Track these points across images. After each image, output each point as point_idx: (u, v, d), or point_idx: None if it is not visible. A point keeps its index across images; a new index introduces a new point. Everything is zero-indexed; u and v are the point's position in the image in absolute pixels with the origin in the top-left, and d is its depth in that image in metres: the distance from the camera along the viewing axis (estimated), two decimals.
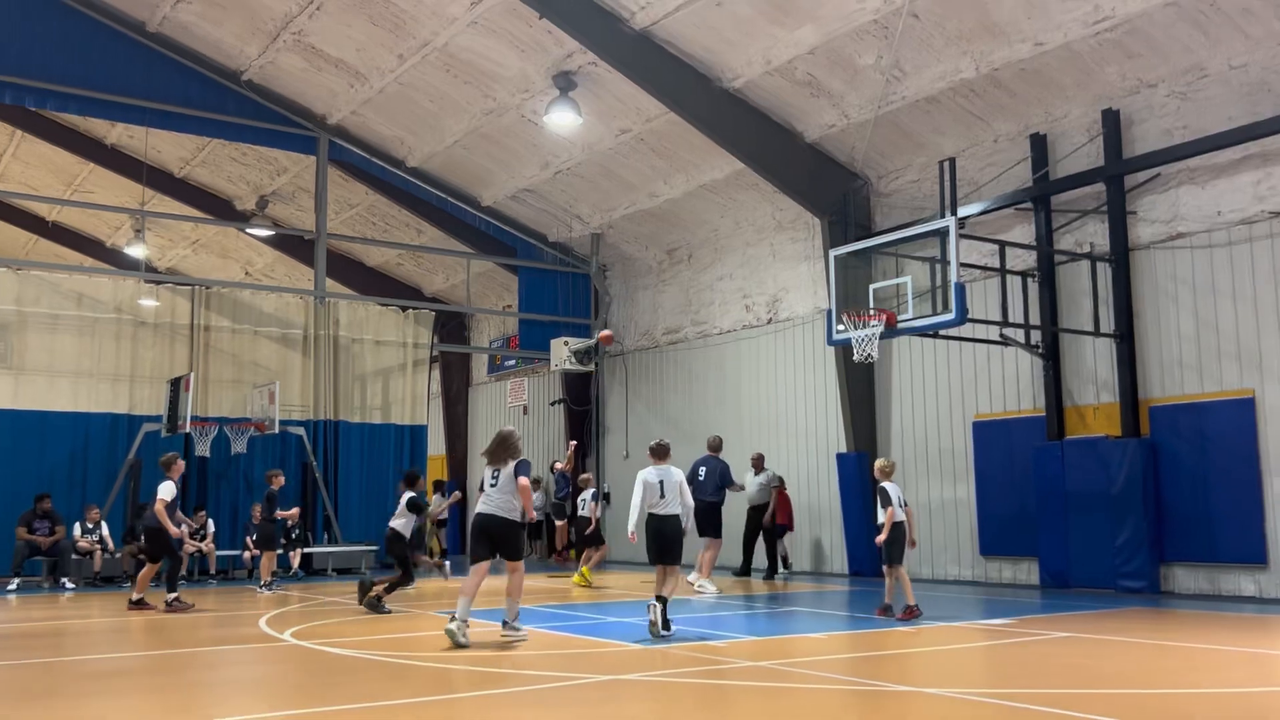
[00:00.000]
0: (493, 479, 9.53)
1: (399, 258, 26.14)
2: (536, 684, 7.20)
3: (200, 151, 22.80)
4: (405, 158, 21.19)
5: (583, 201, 21.26)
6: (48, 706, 6.59)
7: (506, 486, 9.41)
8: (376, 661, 8.26)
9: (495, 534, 9.38)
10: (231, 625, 11.00)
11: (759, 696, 6.73)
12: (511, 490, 9.39)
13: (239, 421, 19.32)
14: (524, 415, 25.18)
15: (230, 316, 20.35)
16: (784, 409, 18.89)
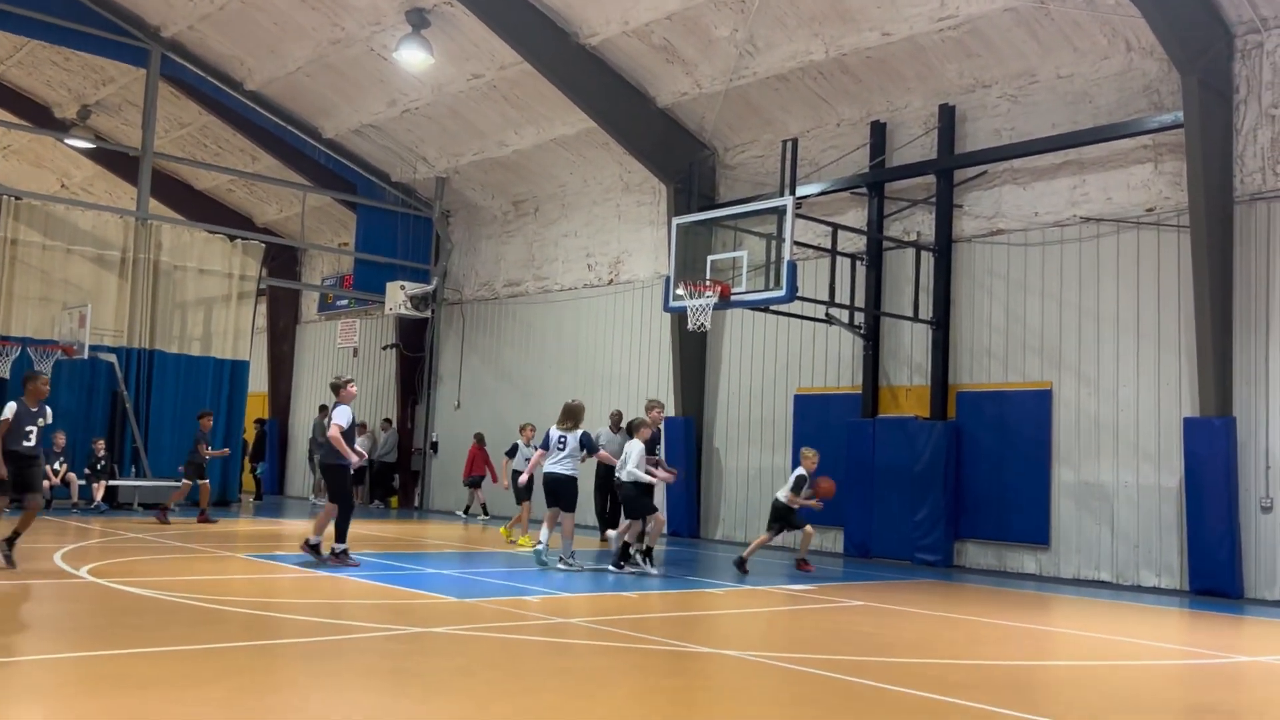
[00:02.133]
0: (560, 442, 11.57)
1: (230, 184, 25.04)
2: (344, 634, 7.16)
3: (18, 51, 21.23)
4: (244, 80, 20.28)
5: (429, 144, 20.83)
6: None
7: (574, 451, 11.53)
8: (182, 604, 8.03)
9: (558, 489, 11.51)
10: (24, 560, 10.46)
11: (552, 653, 6.89)
12: (577, 454, 11.55)
13: (45, 343, 18.21)
14: (354, 358, 24.64)
15: (42, 231, 19.08)
16: (619, 370, 19.12)
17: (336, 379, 11.21)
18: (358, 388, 12.77)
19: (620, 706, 5.49)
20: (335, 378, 11.31)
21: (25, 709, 4.98)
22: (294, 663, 6.28)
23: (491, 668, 6.34)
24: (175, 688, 5.36)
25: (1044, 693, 6.60)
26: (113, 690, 5.28)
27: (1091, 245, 13.72)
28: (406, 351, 23.12)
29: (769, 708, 5.66)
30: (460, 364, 22.35)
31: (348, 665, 6.18)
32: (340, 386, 11.11)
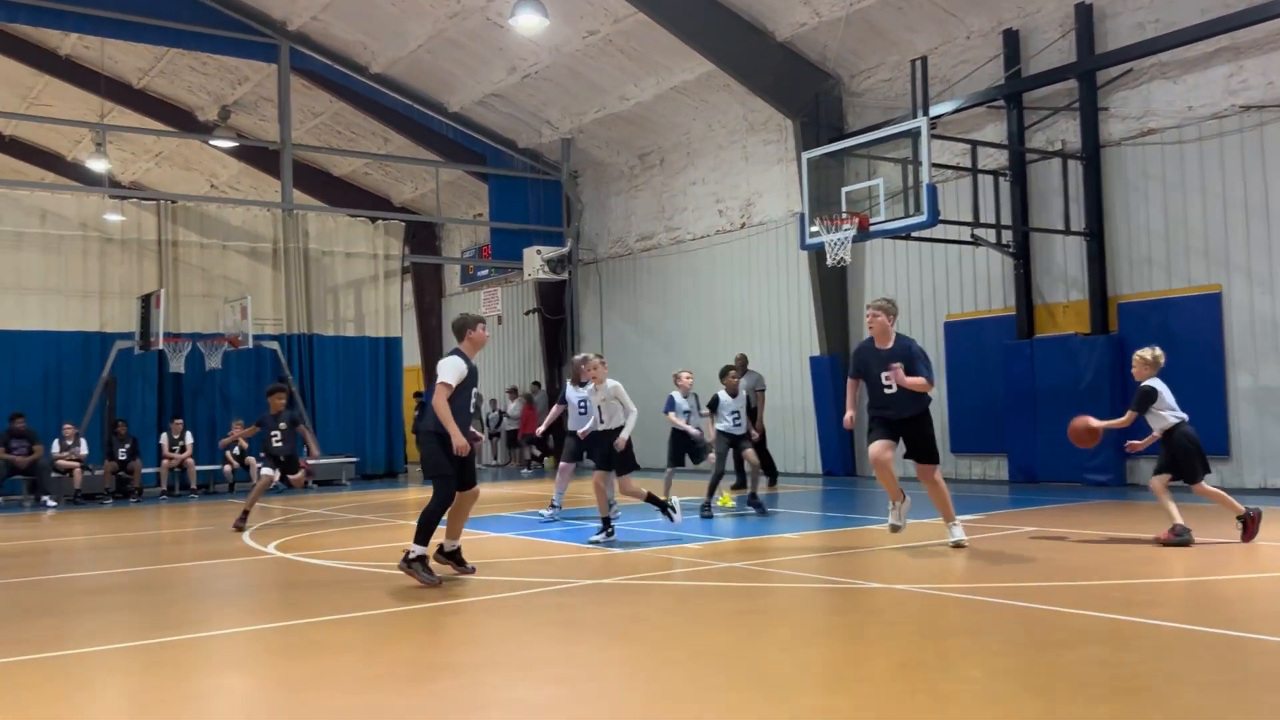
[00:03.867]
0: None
1: (366, 167, 25.77)
2: (515, 590, 7.36)
3: (159, 61, 22.25)
4: (369, 64, 20.76)
5: (552, 106, 20.95)
6: (46, 624, 6.70)
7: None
8: (364, 573, 8.40)
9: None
10: (217, 540, 11.13)
11: (734, 596, 6.93)
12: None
13: (212, 337, 19.23)
14: (499, 325, 25.17)
15: (198, 230, 20.10)
16: (758, 313, 18.98)
17: (461, 317, 8.11)
18: (502, 352, 12.77)
19: (794, 643, 5.49)
20: (459, 315, 8.19)
21: (234, 677, 5.30)
22: (473, 619, 6.50)
23: (663, 614, 6.42)
24: (367, 649, 5.62)
25: (1240, 607, 6.30)
26: (310, 655, 5.57)
27: (1255, 135, 12.84)
28: (548, 315, 23.47)
29: (950, 639, 5.57)
30: (601, 322, 22.57)
31: (524, 619, 6.36)
32: (468, 326, 7.92)
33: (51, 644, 6.05)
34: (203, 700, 4.88)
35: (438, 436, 7.54)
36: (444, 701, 4.61)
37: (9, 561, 10.05)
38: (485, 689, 4.81)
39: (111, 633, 6.46)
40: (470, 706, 4.51)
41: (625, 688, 4.73)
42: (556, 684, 4.87)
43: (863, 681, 4.75)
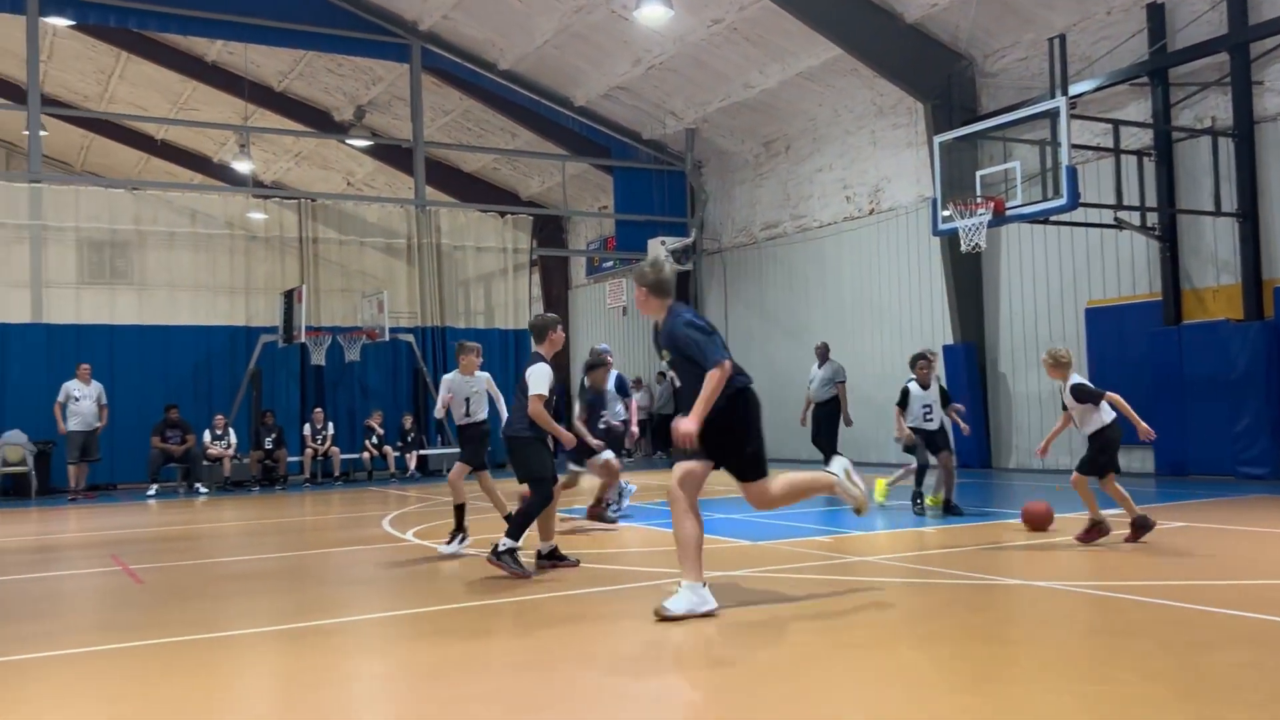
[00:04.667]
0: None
1: (495, 162, 26.24)
2: (648, 580, 7.40)
3: (298, 64, 23.07)
4: (497, 60, 21.10)
5: (676, 96, 20.94)
6: (200, 606, 7.04)
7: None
8: None
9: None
10: (357, 527, 11.50)
11: (869, 591, 6.82)
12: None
13: (351, 330, 19.90)
14: (623, 316, 25.33)
15: (336, 228, 20.81)
16: (887, 301, 18.63)
17: (540, 318, 8.08)
18: (626, 344, 12.84)
19: (932, 641, 5.37)
20: (537, 316, 8.17)
21: (377, 659, 5.47)
22: (602, 609, 6.55)
23: (800, 606, 6.36)
24: (505, 636, 5.73)
25: None
26: (449, 641, 5.70)
27: None
28: None
29: (1095, 639, 5.37)
30: (725, 312, 22.49)
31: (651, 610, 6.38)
32: (549, 328, 7.88)
33: (206, 625, 6.35)
34: (347, 683, 5.05)
35: (534, 440, 7.72)
36: (568, 691, 4.66)
37: (166, 546, 10.60)
38: (611, 679, 4.84)
39: (259, 616, 6.74)
40: (610, 696, 4.55)
41: (763, 683, 4.70)
42: (695, 678, 4.88)
43: (1006, 682, 4.62)
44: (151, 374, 18.63)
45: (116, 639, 6.05)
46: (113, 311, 18.75)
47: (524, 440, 7.72)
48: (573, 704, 4.45)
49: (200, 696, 4.77)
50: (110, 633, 6.27)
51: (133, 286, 19.22)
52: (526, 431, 7.68)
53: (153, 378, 18.57)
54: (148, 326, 19.02)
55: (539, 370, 7.65)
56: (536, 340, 7.88)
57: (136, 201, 19.60)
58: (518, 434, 7.73)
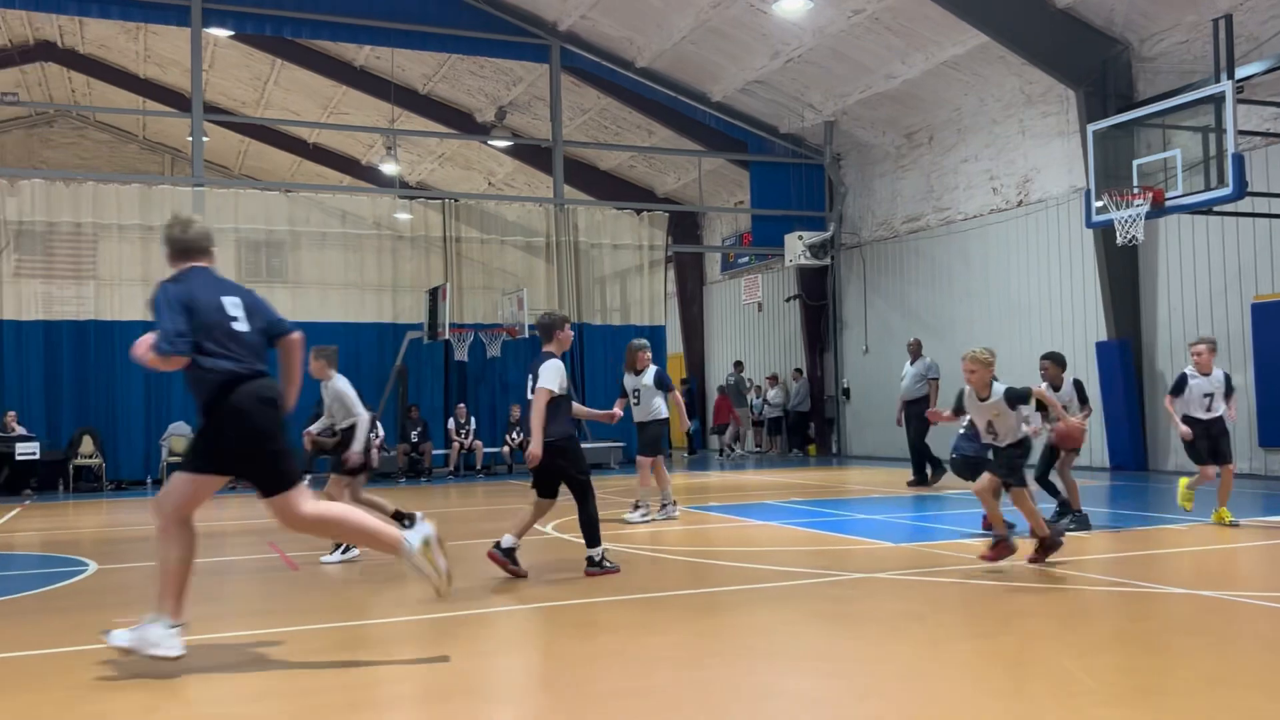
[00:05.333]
0: None
1: (631, 160, 26.39)
2: (785, 580, 7.30)
3: (441, 67, 23.65)
4: (634, 58, 21.21)
5: (814, 89, 20.66)
6: (355, 593, 7.28)
7: None
8: (634, 555, 8.60)
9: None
10: (500, 519, 11.71)
11: (1018, 595, 6.58)
12: None
13: (492, 327, 20.33)
14: (759, 313, 25.17)
15: (478, 227, 21.29)
16: (1036, 296, 17.97)
17: (548, 316, 7.77)
18: (763, 339, 12.68)
19: (1087, 650, 5.13)
20: (545, 314, 7.84)
21: (519, 652, 5.54)
22: (743, 607, 6.50)
23: (942, 611, 6.18)
24: (640, 632, 5.73)
25: None
26: (588, 635, 5.74)
27: None
28: (809, 301, 23.22)
29: (1266, 654, 5.04)
30: (865, 308, 22.09)
31: (795, 610, 6.29)
32: (556, 326, 7.66)
33: (359, 612, 6.56)
34: (496, 673, 5.13)
35: (570, 440, 7.49)
36: (717, 688, 4.62)
37: None
38: (756, 677, 4.79)
39: (409, 604, 6.92)
40: (742, 694, 4.50)
41: (902, 686, 4.58)
42: (828, 677, 4.79)
43: (1166, 695, 4.38)
44: (304, 369, 19.29)
45: (275, 623, 6.30)
46: None
47: (565, 442, 7.43)
48: (725, 701, 4.42)
49: (349, 681, 4.92)
50: (270, 617, 6.54)
51: (287, 285, 20.04)
52: (558, 436, 7.38)
53: (305, 373, 19.23)
54: (300, 323, 19.66)
55: (554, 366, 7.45)
56: (545, 339, 7.64)
57: (291, 203, 20.45)
58: (555, 439, 7.37)
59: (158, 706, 4.51)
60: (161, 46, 24.89)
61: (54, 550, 9.91)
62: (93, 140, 32.01)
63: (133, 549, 9.92)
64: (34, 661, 5.38)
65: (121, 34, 24.61)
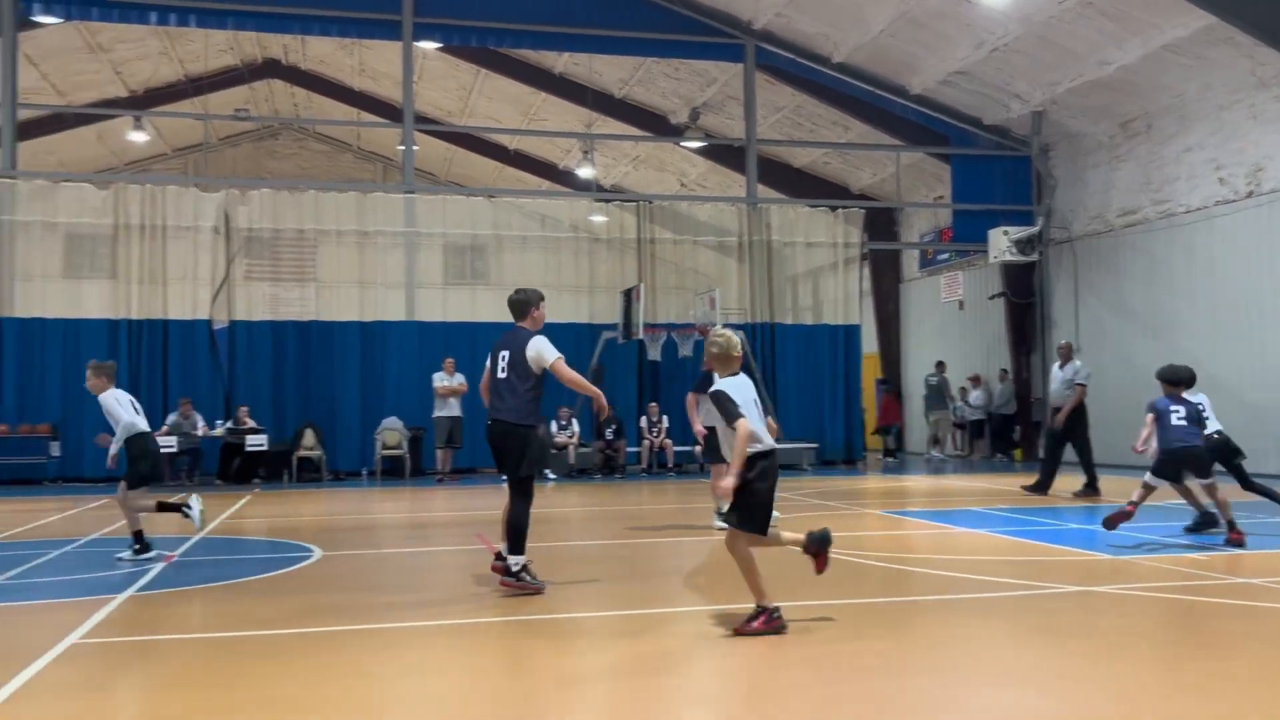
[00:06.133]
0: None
1: (826, 156, 26.01)
2: (994, 591, 7.02)
3: (637, 71, 23.97)
4: (830, 54, 20.89)
5: (1021, 79, 19.80)
6: (551, 588, 7.47)
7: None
8: (840, 561, 8.44)
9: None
10: (693, 517, 11.78)
11: (1250, 617, 6.10)
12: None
13: (684, 327, 20.46)
14: (960, 311, 24.33)
15: (671, 228, 21.48)
16: (1270, 294, 16.64)
17: (523, 292, 7.52)
18: (964, 339, 12.18)
19: None
20: (519, 291, 7.59)
21: (714, 654, 5.53)
22: (947, 617, 6.28)
23: (1167, 629, 5.81)
24: (841, 639, 5.62)
25: None
26: (783, 639, 5.67)
27: None
28: (1015, 299, 22.28)
29: None
30: (1075, 306, 21.01)
31: (1006, 622, 6.04)
32: (531, 303, 7.37)
33: (554, 607, 6.71)
34: (691, 672, 5.14)
35: (532, 430, 7.03)
36: (922, 700, 4.48)
37: None
38: (964, 690, 4.62)
39: (607, 599, 7.04)
40: (951, 708, 4.35)
41: (1127, 710, 4.31)
42: (1042, 694, 4.56)
43: None
44: None
45: (482, 613, 6.52)
46: (474, 309, 20.37)
47: (525, 429, 7.02)
48: (933, 713, 4.28)
49: (556, 673, 5.03)
50: (476, 606, 6.77)
51: (490, 287, 20.78)
52: (530, 419, 7.02)
53: None
54: (504, 324, 20.38)
55: (542, 339, 7.08)
56: (520, 315, 7.29)
57: (494, 208, 21.19)
58: (517, 422, 6.96)
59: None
60: (374, 60, 26.25)
61: (279, 536, 10.59)
62: (312, 151, 34.08)
63: (351, 538, 10.49)
64: (280, 640, 5.76)
65: (339, 50, 26.10)
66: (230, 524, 11.52)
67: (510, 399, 6.93)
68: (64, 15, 19.73)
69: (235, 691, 4.72)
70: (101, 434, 8.89)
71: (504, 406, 6.94)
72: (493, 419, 6.93)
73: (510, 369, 6.94)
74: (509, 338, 7.12)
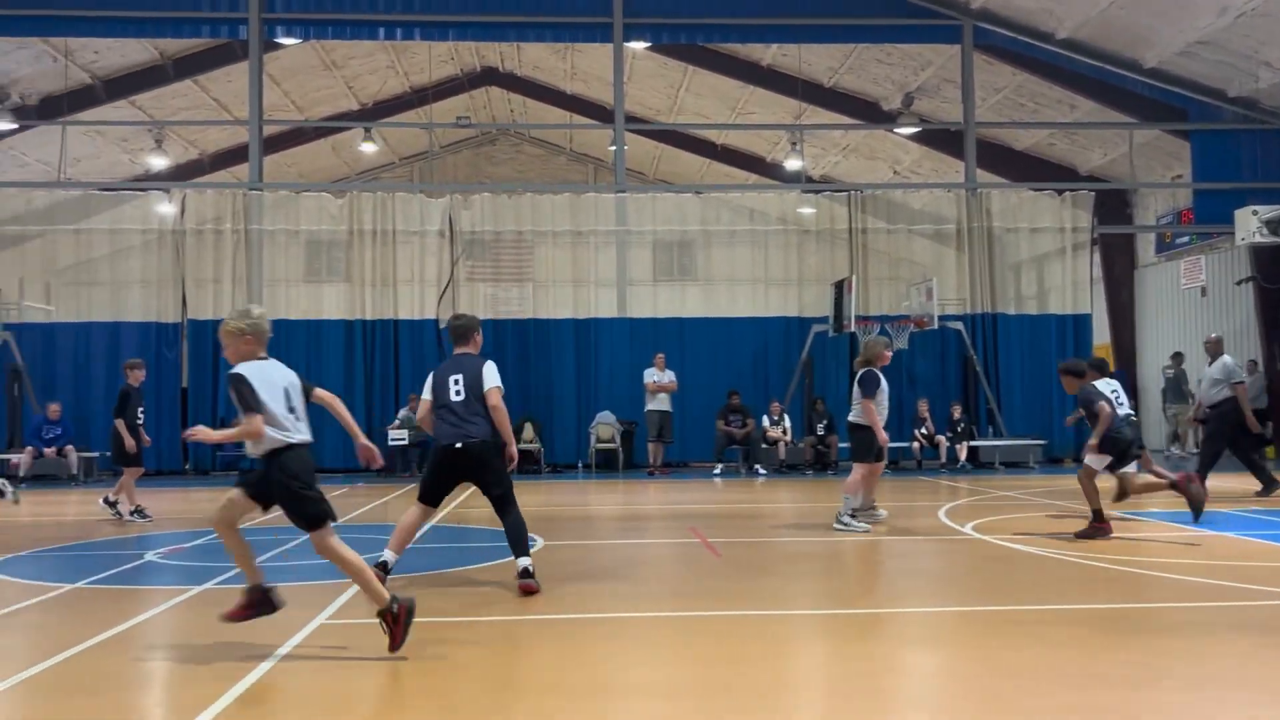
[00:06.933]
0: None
1: (1050, 138, 24.71)
2: (1253, 599, 6.46)
3: (848, 58, 23.50)
4: (1054, 30, 19.82)
5: (1272, 45, 18.18)
6: (767, 583, 7.41)
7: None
8: (1066, 562, 8.01)
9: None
10: (910, 516, 11.45)
11: None
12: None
13: (898, 319, 19.91)
14: (1202, 298, 22.63)
15: (884, 217, 20.97)
16: None
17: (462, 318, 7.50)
18: (1208, 328, 11.29)
19: None
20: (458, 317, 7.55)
21: (946, 656, 5.32)
22: (1202, 626, 5.81)
23: None
24: (1087, 644, 5.30)
25: None
26: (1025, 644, 5.39)
27: None
28: (1265, 284, 20.50)
29: None
30: None
31: (1270, 634, 5.54)
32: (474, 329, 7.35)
33: (776, 601, 6.64)
34: (912, 675, 4.97)
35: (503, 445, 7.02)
36: (1172, 714, 4.16)
37: (733, 522, 11.34)
38: (1222, 708, 4.25)
39: (821, 596, 6.91)
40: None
41: None
42: None
43: None
44: (716, 362, 20.11)
45: (703, 606, 6.53)
46: (683, 305, 20.53)
47: (499, 445, 7.03)
48: None
49: (774, 669, 4.97)
50: (698, 599, 6.79)
51: (698, 282, 20.91)
52: (496, 437, 7.00)
53: (717, 366, 20.02)
54: (712, 319, 20.56)
55: (492, 364, 7.12)
56: (462, 341, 7.25)
57: (702, 204, 21.27)
58: (493, 438, 6.97)
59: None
60: (586, 63, 26.83)
61: (500, 526, 10.93)
62: (528, 155, 35.20)
63: (571, 528, 10.75)
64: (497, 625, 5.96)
65: (552, 55, 26.82)
66: (457, 513, 12.02)
67: (476, 420, 6.95)
68: (303, 35, 21.18)
69: (470, 672, 4.90)
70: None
71: (474, 429, 6.93)
72: (465, 442, 6.89)
73: (468, 391, 6.96)
74: (457, 363, 7.15)
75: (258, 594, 5.42)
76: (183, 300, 19.81)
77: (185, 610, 6.48)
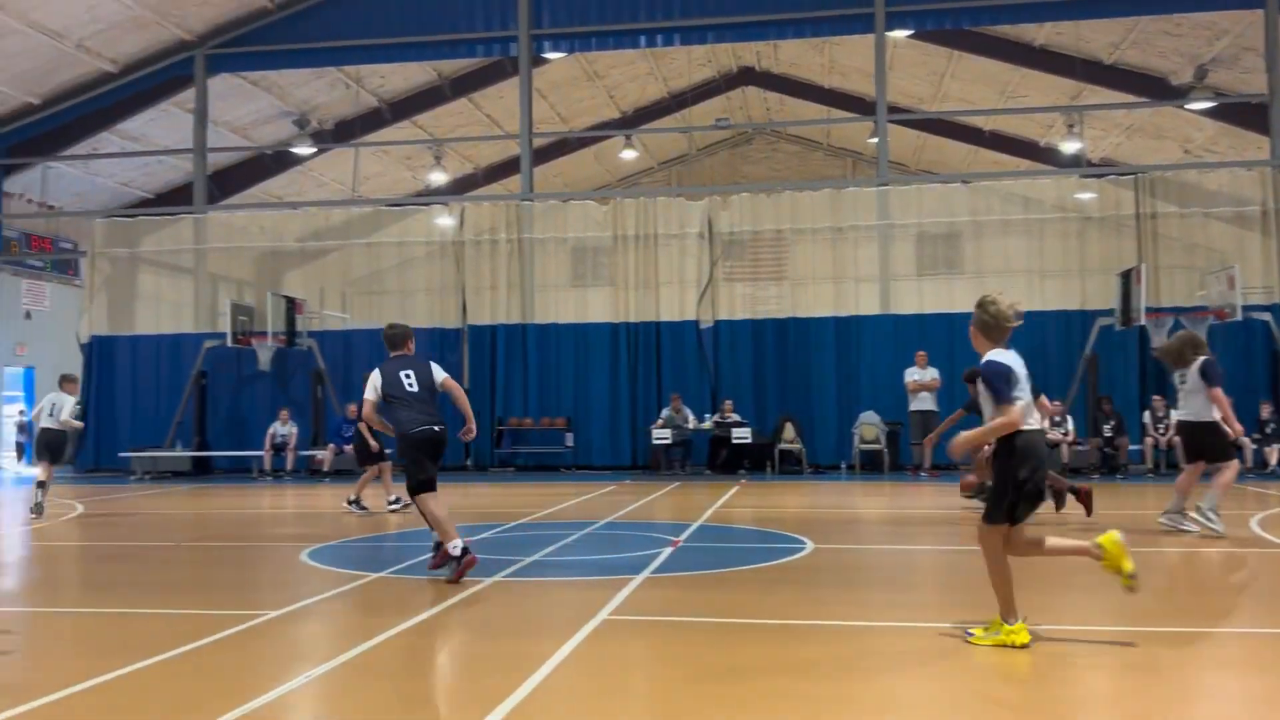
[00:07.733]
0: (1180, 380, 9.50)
1: None
2: None
3: (1130, 32, 21.89)
4: None
5: None
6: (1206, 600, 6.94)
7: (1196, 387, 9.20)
8: None
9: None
10: None
11: None
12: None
13: (1195, 310, 18.27)
14: None
15: (1176, 200, 19.35)
16: None
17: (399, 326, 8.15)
18: None
19: None
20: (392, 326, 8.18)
21: (1103, 675, 4.78)
22: None
23: None
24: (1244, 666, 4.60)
25: None
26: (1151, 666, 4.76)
27: None
28: None
29: None
30: None
31: None
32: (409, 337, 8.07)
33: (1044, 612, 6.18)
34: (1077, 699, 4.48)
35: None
36: None
37: None
38: None
39: (1098, 612, 6.39)
40: None
41: None
42: None
43: None
44: None
45: (961, 615, 6.19)
46: (950, 300, 19.72)
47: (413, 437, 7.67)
48: None
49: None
50: (972, 611, 6.44)
51: (965, 275, 20.02)
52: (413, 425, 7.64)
53: None
54: None
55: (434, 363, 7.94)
56: (400, 346, 7.98)
57: (970, 194, 20.36)
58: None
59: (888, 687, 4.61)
60: (844, 56, 26.35)
61: (768, 526, 10.86)
62: (784, 152, 35.00)
63: (839, 531, 10.52)
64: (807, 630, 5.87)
65: (809, 50, 26.53)
66: (721, 513, 12.05)
67: (435, 410, 7.75)
68: (568, 49, 21.97)
69: (749, 662, 4.84)
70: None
71: (439, 416, 7.75)
72: (440, 427, 7.63)
73: (422, 386, 7.71)
74: (403, 361, 7.86)
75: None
76: (462, 306, 20.99)
77: (476, 602, 6.78)
